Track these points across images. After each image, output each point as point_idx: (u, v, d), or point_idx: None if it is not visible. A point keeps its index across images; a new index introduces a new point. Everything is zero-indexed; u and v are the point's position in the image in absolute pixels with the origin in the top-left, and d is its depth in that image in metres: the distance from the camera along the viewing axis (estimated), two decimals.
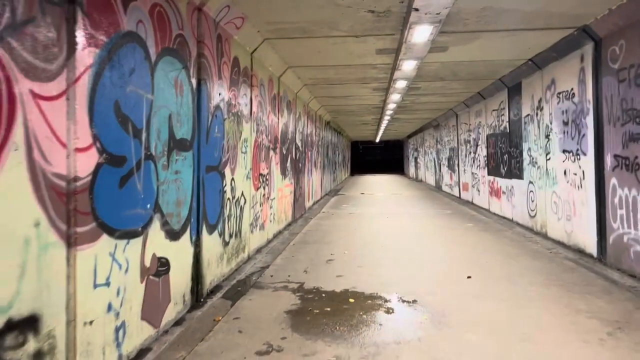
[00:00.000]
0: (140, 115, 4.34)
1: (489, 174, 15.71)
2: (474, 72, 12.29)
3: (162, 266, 4.80)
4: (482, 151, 16.51)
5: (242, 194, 8.00)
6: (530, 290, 6.44)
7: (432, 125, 28.29)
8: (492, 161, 15.31)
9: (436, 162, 27.87)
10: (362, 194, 24.31)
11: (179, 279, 5.27)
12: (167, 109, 4.96)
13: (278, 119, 11.17)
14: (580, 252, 8.75)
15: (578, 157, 8.81)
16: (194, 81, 5.82)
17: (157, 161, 4.69)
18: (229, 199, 7.22)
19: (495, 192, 14.98)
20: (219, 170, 6.75)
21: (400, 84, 12.96)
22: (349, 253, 9.05)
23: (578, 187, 8.83)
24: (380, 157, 59.82)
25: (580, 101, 8.69)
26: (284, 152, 12.01)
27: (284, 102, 11.79)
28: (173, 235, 5.12)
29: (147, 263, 4.47)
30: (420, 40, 8.31)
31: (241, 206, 7.92)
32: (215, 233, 6.57)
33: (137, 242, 4.27)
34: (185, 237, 5.49)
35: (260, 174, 9.36)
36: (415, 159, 39.69)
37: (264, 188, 9.72)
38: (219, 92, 6.80)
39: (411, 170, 43.91)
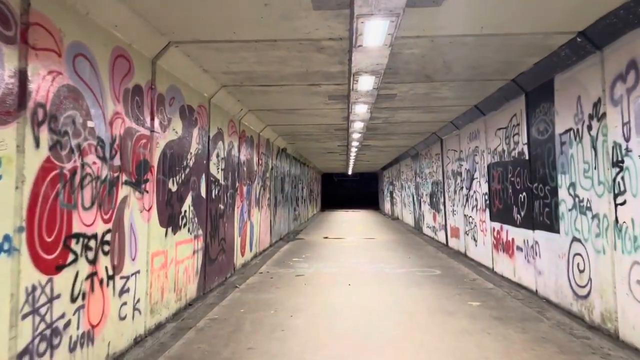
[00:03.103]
0: None
1: (492, 219, 11.18)
2: (477, 64, 7.84)
3: None
4: (481, 187, 12.03)
5: None
6: None
7: (410, 155, 23.96)
8: (497, 201, 10.79)
9: (415, 199, 23.39)
10: (326, 238, 19.55)
11: None
12: None
13: (152, 130, 6.46)
14: None
15: None
16: None
17: None
18: None
19: (504, 246, 10.41)
20: None
21: (365, 83, 8.39)
22: None
23: None
24: (355, 190, 55.42)
25: None
26: (172, 187, 7.25)
27: (169, 105, 7.10)
28: None
29: None
30: None
31: None
32: None
33: None
34: None
35: (72, 236, 4.58)
36: (391, 193, 35.28)
37: (92, 262, 4.92)
38: None
39: (386, 206, 39.46)
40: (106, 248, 5.23)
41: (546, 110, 8.05)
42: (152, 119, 6.46)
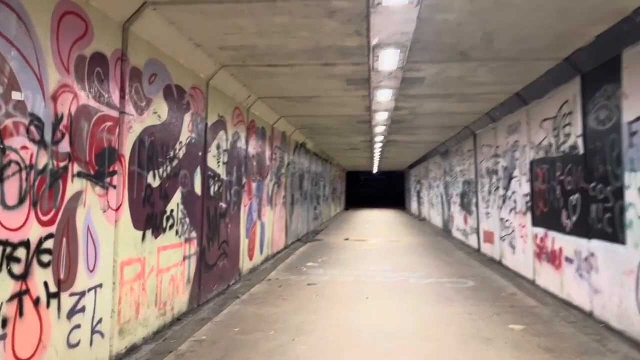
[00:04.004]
0: None
1: (535, 223, 9.68)
2: (525, 36, 6.41)
3: None
4: (521, 187, 10.53)
5: None
6: None
7: (439, 152, 22.41)
8: (541, 204, 9.30)
9: (444, 199, 21.86)
10: (347, 239, 18.23)
11: None
12: None
13: (122, 111, 5.26)
14: None
15: None
16: None
17: None
18: None
19: (548, 256, 8.92)
20: None
21: (388, 60, 7.03)
22: None
23: None
24: (381, 189, 53.90)
25: None
26: (153, 182, 6.06)
27: (148, 83, 5.89)
28: None
29: None
30: None
31: None
32: None
33: None
34: None
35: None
36: (418, 192, 33.70)
37: (20, 277, 3.75)
38: None
39: (413, 206, 37.87)
40: (45, 258, 4.05)
41: (609, 93, 6.57)
42: (123, 98, 5.27)
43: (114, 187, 5.13)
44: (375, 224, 26.66)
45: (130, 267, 5.49)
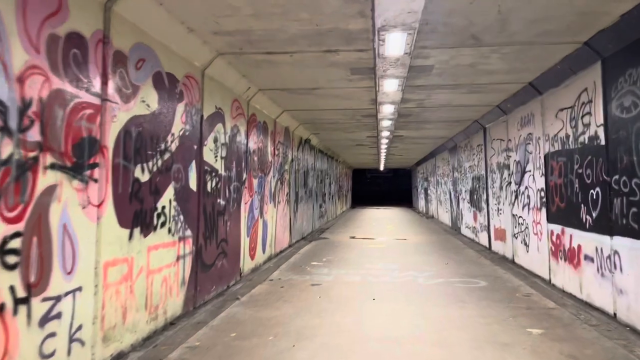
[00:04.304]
0: None
1: (550, 220, 9.17)
2: (543, 17, 5.91)
3: None
4: (535, 182, 10.02)
5: None
6: None
7: (447, 148, 21.89)
8: (557, 199, 8.79)
9: (452, 196, 21.33)
10: (353, 238, 17.75)
11: None
12: None
13: (104, 98, 4.82)
14: None
15: None
16: None
17: None
18: None
19: (565, 254, 8.41)
20: None
21: (395, 44, 6.54)
22: None
23: None
24: (388, 187, 53.32)
25: None
26: (142, 176, 5.62)
27: (135, 69, 5.45)
28: None
29: None
30: None
31: None
32: None
33: None
34: None
35: None
36: (426, 190, 33.16)
37: None
38: None
39: (420, 204, 37.33)
40: (11, 259, 3.62)
41: (635, 78, 6.06)
42: (105, 84, 4.83)
43: (96, 181, 4.69)
44: (382, 222, 26.16)
45: (115, 268, 5.05)
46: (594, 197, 7.24)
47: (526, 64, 7.99)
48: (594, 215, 7.29)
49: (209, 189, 7.76)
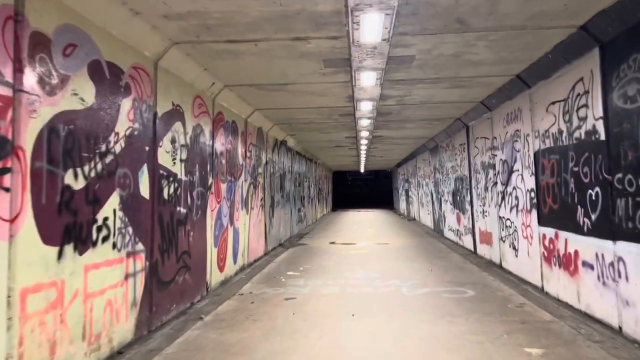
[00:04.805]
0: None
1: (542, 223, 8.50)
2: None
3: None
4: (524, 181, 9.36)
5: None
6: None
7: (428, 148, 21.28)
8: (549, 200, 8.13)
9: (434, 197, 20.72)
10: (332, 243, 16.96)
11: None
12: None
13: (18, 89, 3.94)
14: None
15: None
16: None
17: None
18: None
19: (560, 260, 7.74)
20: None
21: (371, 28, 5.76)
22: None
23: None
24: (369, 189, 52.73)
25: None
26: (74, 183, 4.74)
27: (62, 55, 4.57)
28: None
29: None
30: None
31: None
32: None
33: None
34: None
35: None
36: (407, 191, 32.58)
37: None
38: None
39: (401, 205, 36.78)
40: None
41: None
42: (20, 71, 3.95)
43: (7, 190, 3.81)
44: (363, 225, 25.44)
45: (38, 295, 4.17)
46: (593, 197, 6.57)
47: (515, 53, 7.31)
48: (593, 217, 6.61)
49: (165, 195, 6.88)
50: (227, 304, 8.05)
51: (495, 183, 11.31)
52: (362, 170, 42.46)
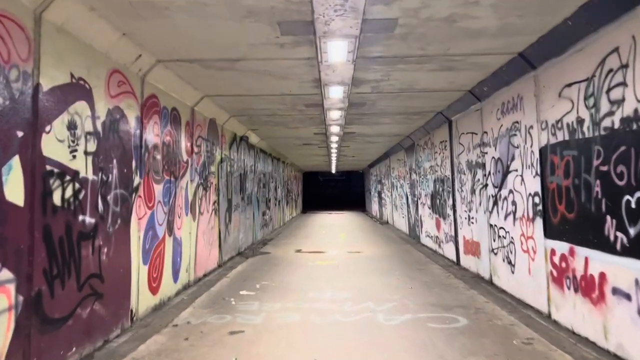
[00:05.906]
0: None
1: (550, 235, 6.88)
2: None
3: None
4: (524, 184, 7.76)
5: None
6: None
7: (403, 147, 19.72)
8: (561, 206, 6.50)
9: (410, 200, 19.14)
10: (298, 251, 15.16)
11: None
12: None
13: None
14: None
15: None
16: None
17: None
18: None
19: (577, 283, 6.12)
20: None
21: None
22: None
23: None
24: (341, 190, 51.13)
25: None
26: None
27: None
28: None
29: None
30: None
31: None
32: None
33: None
34: None
35: None
36: (379, 193, 31.02)
37: None
38: None
39: (373, 208, 35.24)
40: None
41: None
42: None
43: None
44: (334, 230, 23.71)
45: None
46: (633, 205, 4.95)
47: (526, 17, 5.66)
48: (631, 232, 4.99)
49: (57, 201, 4.97)
50: (153, 340, 6.18)
51: (485, 185, 9.70)
52: (333, 171, 40.79)
